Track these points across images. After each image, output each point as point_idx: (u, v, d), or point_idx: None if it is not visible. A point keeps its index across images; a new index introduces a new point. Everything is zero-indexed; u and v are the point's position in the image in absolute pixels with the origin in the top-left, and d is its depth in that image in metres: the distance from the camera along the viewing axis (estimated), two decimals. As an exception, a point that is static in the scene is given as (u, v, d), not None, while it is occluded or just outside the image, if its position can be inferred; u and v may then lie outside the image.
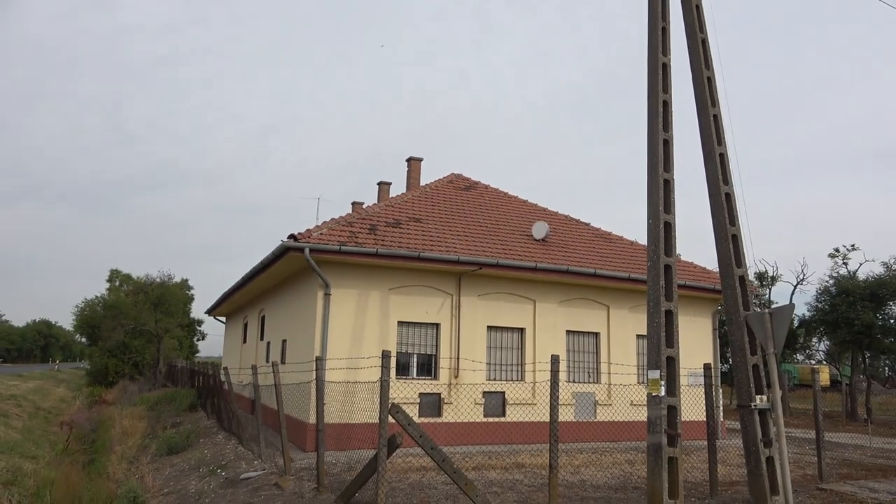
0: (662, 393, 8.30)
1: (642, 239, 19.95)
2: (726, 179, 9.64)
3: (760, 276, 32.70)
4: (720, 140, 9.78)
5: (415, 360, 14.85)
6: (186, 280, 54.10)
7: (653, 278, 8.77)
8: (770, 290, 32.67)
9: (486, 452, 13.47)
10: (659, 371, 8.38)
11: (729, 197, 9.60)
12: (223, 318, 30.57)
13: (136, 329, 38.70)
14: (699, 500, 9.03)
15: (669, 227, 8.95)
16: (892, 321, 27.40)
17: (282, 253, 13.79)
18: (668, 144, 9.22)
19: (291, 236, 13.41)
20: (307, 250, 13.15)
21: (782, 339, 8.45)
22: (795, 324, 32.36)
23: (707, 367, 9.87)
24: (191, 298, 54.42)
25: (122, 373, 38.83)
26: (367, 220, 15.38)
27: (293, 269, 15.54)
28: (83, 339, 55.26)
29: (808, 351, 40.55)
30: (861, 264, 40.54)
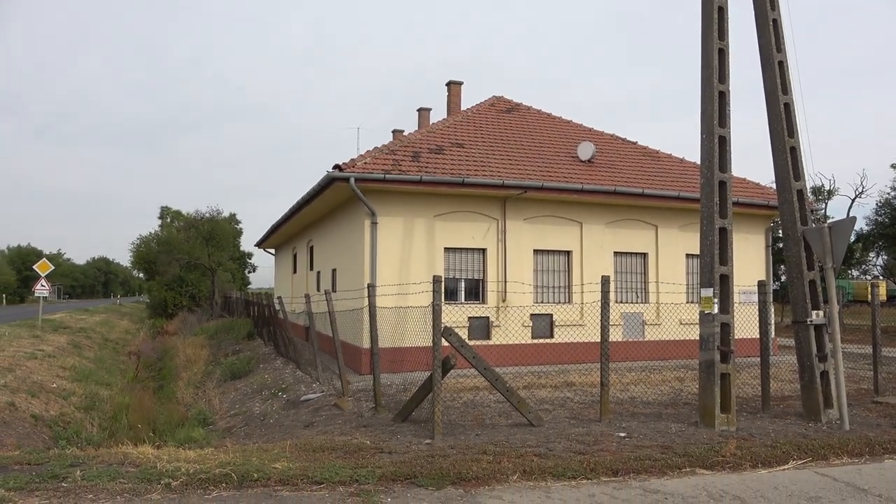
0: (715, 310, 8.23)
1: (691, 156, 19.35)
2: (785, 89, 9.16)
3: (816, 191, 31.52)
4: (780, 47, 9.24)
5: (462, 285, 15.03)
6: (234, 215, 55.41)
7: (706, 195, 8.54)
8: (826, 204, 31.55)
9: (536, 372, 13.75)
10: (712, 289, 8.29)
11: (788, 107, 9.15)
12: (272, 251, 31.32)
13: (189, 263, 40.06)
14: (751, 415, 9.08)
15: (724, 142, 8.63)
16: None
17: (328, 183, 13.89)
18: (723, 54, 8.76)
19: (336, 166, 13.46)
20: (352, 180, 13.21)
21: (842, 253, 8.22)
22: (852, 238, 31.40)
23: (762, 283, 9.71)
24: (239, 232, 55.87)
25: (180, 305, 40.54)
26: (410, 148, 15.27)
27: (339, 199, 15.68)
28: (140, 275, 57.62)
29: (863, 266, 39.41)
30: (925, 175, 38.62)
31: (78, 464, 6.21)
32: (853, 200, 31.14)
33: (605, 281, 8.59)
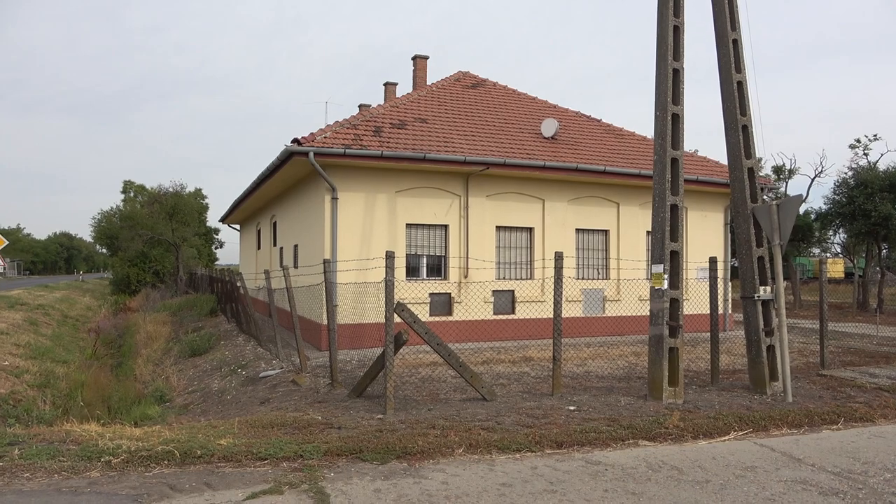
0: (665, 286, 8.35)
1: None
2: (738, 67, 9.23)
3: (778, 170, 32.08)
4: (734, 25, 9.28)
5: (424, 261, 15.01)
6: (200, 189, 54.41)
7: (658, 172, 8.61)
8: (787, 183, 32.14)
9: (496, 348, 13.87)
10: (663, 265, 8.40)
11: (741, 85, 9.23)
12: (237, 226, 30.89)
13: (153, 238, 39.33)
14: (700, 388, 9.29)
15: (677, 120, 8.68)
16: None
17: (286, 158, 13.68)
18: (678, 31, 8.78)
19: (295, 140, 13.25)
20: (311, 154, 13.02)
21: (788, 230, 8.38)
22: (812, 217, 32.07)
23: (713, 260, 9.86)
24: (205, 208, 54.92)
25: (143, 281, 39.86)
26: (372, 122, 15.08)
27: (300, 174, 15.47)
28: (104, 250, 56.44)
29: (823, 244, 40.38)
30: (882, 155, 39.57)
31: (17, 442, 6.09)
32: (812, 180, 31.82)
33: (558, 257, 8.64)
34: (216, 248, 61.09)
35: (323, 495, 4.87)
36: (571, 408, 7.78)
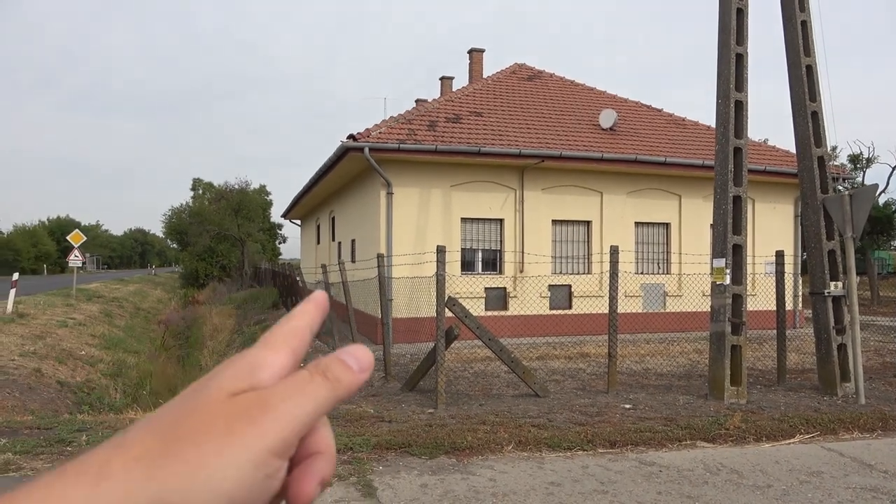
0: (727, 281, 8.02)
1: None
2: (808, 50, 8.74)
3: (854, 159, 30.46)
4: (803, 6, 8.80)
5: (479, 255, 14.94)
6: (264, 186, 55.92)
7: (720, 162, 8.27)
8: (864, 172, 30.47)
9: (552, 343, 13.68)
10: (724, 259, 8.07)
11: (810, 69, 8.74)
12: (298, 221, 31.58)
13: (219, 234, 40.68)
14: (765, 388, 8.90)
15: (741, 107, 8.30)
16: None
17: (342, 154, 13.84)
18: (741, 14, 8.39)
19: (351, 136, 13.39)
20: (367, 150, 13.13)
21: (862, 222, 7.90)
22: (893, 209, 30.29)
23: (779, 254, 9.42)
24: (269, 204, 56.43)
25: (210, 275, 41.32)
26: (427, 117, 15.10)
27: (356, 170, 15.64)
28: (174, 245, 58.82)
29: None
30: (972, 141, 37.05)
31: (85, 429, 6.38)
32: (894, 169, 30.02)
33: (614, 251, 8.43)
34: (280, 243, 62.78)
35: (370, 488, 4.90)
36: (627, 406, 7.58)
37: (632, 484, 5.07)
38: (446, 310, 7.80)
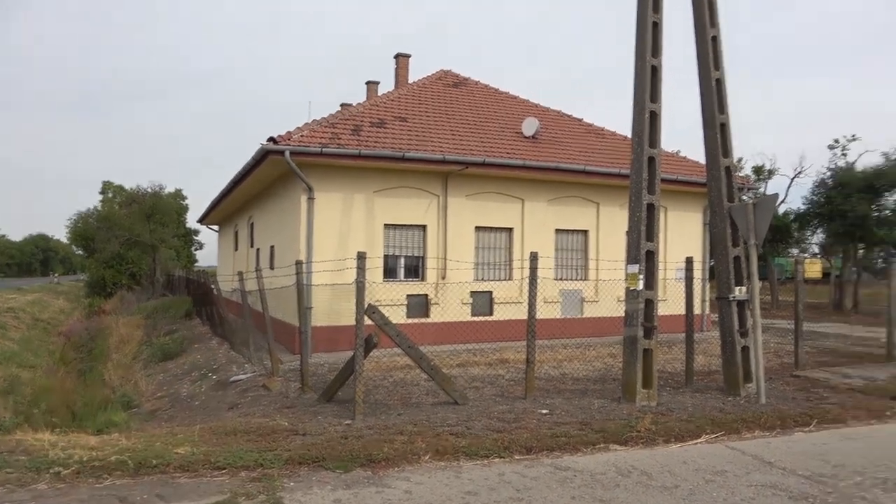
0: (640, 287, 8.25)
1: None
2: (717, 64, 9.16)
3: (758, 170, 32.26)
4: (713, 21, 9.21)
5: (402, 262, 14.81)
6: (180, 190, 53.80)
7: (635, 170, 8.51)
8: (767, 183, 32.32)
9: (473, 350, 13.70)
10: (638, 265, 8.30)
11: (719, 83, 9.16)
12: (216, 227, 30.48)
13: (130, 240, 38.72)
14: (674, 389, 9.21)
15: (655, 118, 8.59)
16: (887, 212, 27.28)
17: (262, 157, 13.42)
18: (657, 27, 8.69)
19: (271, 139, 13.00)
20: (287, 153, 12.76)
21: (764, 230, 8.32)
22: (791, 217, 32.27)
23: (688, 260, 9.79)
24: (185, 209, 54.27)
25: (119, 283, 39.22)
26: (351, 121, 14.86)
27: (276, 174, 15.20)
28: (80, 252, 55.53)
29: (803, 245, 40.72)
30: (860, 155, 39.94)
31: (-38, 452, 5.82)
32: (792, 180, 31.99)
33: (533, 257, 8.51)
34: (196, 249, 60.38)
35: (280, 506, 4.68)
36: (544, 411, 7.64)
37: (546, 490, 5.08)
38: (366, 318, 7.64)
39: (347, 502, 4.78)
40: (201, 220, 28.89)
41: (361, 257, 7.66)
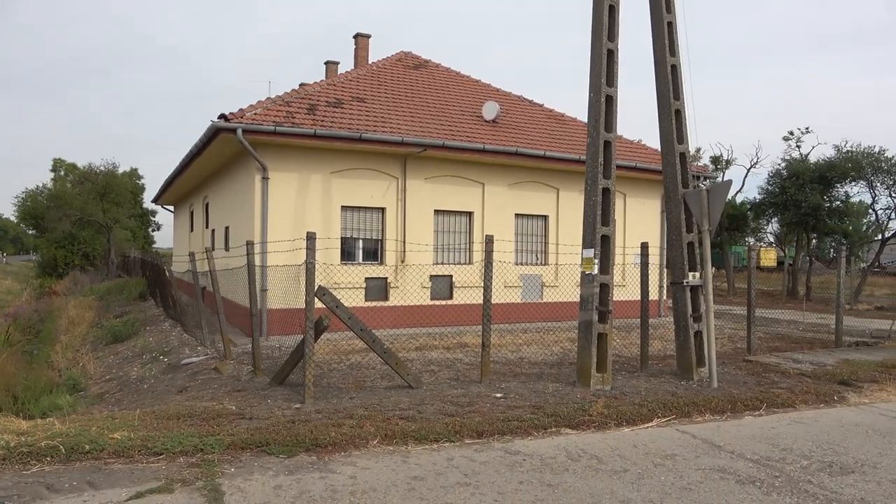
0: (596, 271, 8.23)
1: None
2: (673, 51, 9.14)
3: (715, 160, 32.83)
4: (669, 7, 9.17)
5: (360, 244, 14.59)
6: (136, 170, 52.28)
7: (591, 155, 8.45)
8: (724, 173, 32.92)
9: (433, 334, 13.62)
10: (594, 249, 8.26)
11: (675, 69, 9.14)
12: (171, 207, 29.68)
13: (82, 219, 37.48)
14: (629, 374, 9.25)
15: (611, 102, 8.53)
16: (838, 203, 28.04)
17: (213, 134, 13.00)
18: (613, 11, 8.60)
19: (222, 116, 12.59)
20: (240, 131, 12.39)
21: (717, 216, 8.36)
22: (747, 207, 32.96)
23: (644, 245, 9.82)
24: (141, 188, 52.80)
25: (72, 264, 37.98)
26: (307, 100, 14.50)
27: (230, 153, 14.77)
28: (32, 231, 53.63)
29: (759, 234, 41.71)
30: (814, 147, 40.97)
31: None
32: (748, 170, 32.69)
33: (489, 240, 8.41)
34: (153, 230, 58.88)
35: (217, 493, 4.50)
36: (498, 395, 7.58)
37: (495, 474, 5.00)
38: (316, 300, 7.44)
39: (289, 488, 4.62)
40: (155, 200, 28.10)
41: (311, 238, 7.44)
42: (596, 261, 8.20)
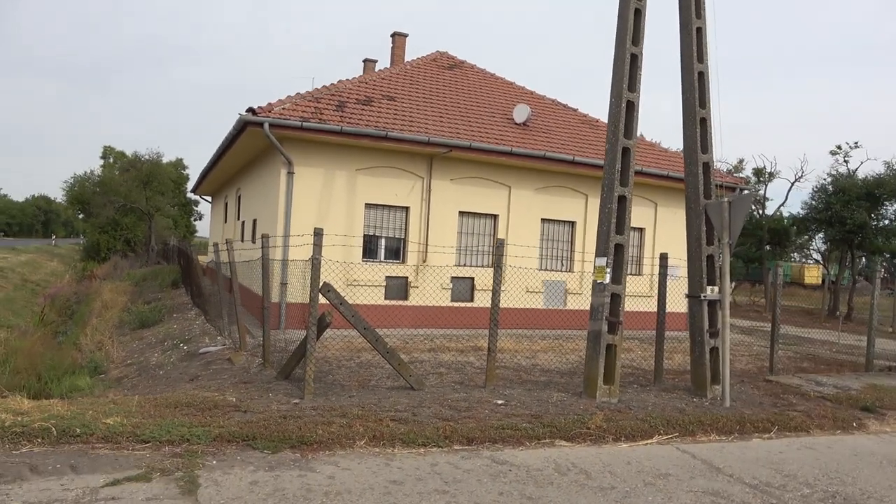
0: (607, 280, 8.02)
1: (648, 131, 19.10)
2: (701, 57, 8.85)
3: (758, 172, 31.87)
4: (699, 12, 8.89)
5: (383, 242, 14.60)
6: (182, 160, 53.45)
7: (609, 161, 8.25)
8: (766, 185, 31.97)
9: (450, 336, 13.53)
10: (606, 258, 8.06)
11: (702, 76, 8.85)
12: (209, 198, 30.29)
13: (125, 206, 38.55)
14: (642, 387, 9.00)
15: (632, 107, 8.31)
16: (886, 221, 26.94)
17: (242, 128, 13.17)
18: (639, 14, 8.38)
19: (250, 110, 12.74)
20: (266, 125, 12.52)
21: (738, 229, 8.08)
22: (790, 221, 31.92)
23: (663, 256, 9.54)
24: (185, 178, 54.00)
25: (113, 249, 39.13)
26: (336, 97, 14.58)
27: (258, 146, 14.95)
28: (81, 216, 55.42)
29: (804, 251, 40.39)
30: (862, 163, 39.50)
31: None
32: (792, 184, 31.60)
33: (499, 244, 8.29)
34: (195, 219, 60.20)
35: (193, 485, 4.50)
36: (499, 402, 7.45)
37: (476, 484, 4.89)
38: (322, 297, 7.44)
39: (264, 485, 4.60)
40: (194, 190, 28.71)
41: (318, 234, 7.44)
42: (608, 270, 8.00)
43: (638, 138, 18.75)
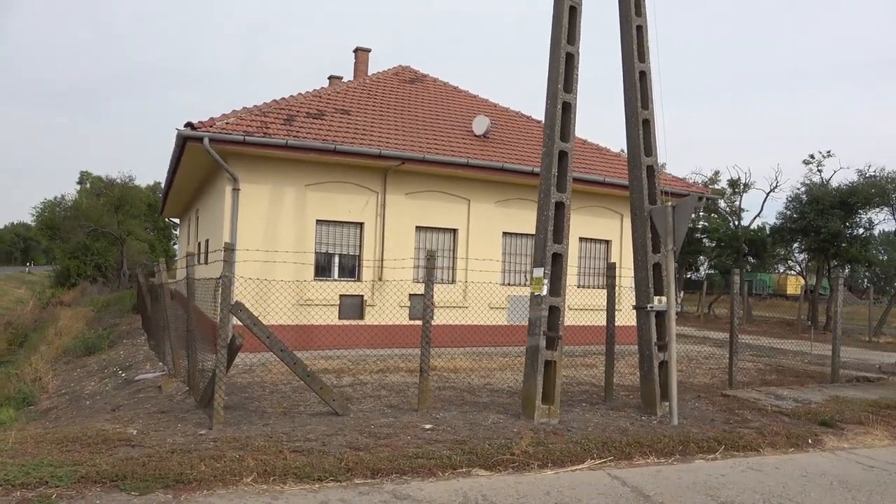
0: (545, 292, 7.52)
1: (615, 142, 18.76)
2: (642, 56, 8.46)
3: (733, 183, 31.72)
4: (639, 10, 8.52)
5: (336, 260, 14.05)
6: (159, 183, 52.79)
7: (545, 166, 7.80)
8: (741, 196, 31.79)
9: (405, 356, 12.91)
10: (543, 269, 7.56)
11: (643, 76, 8.45)
12: (177, 220, 29.66)
13: (96, 231, 37.79)
14: (590, 406, 8.47)
15: (568, 109, 7.88)
16: (860, 230, 26.73)
17: (182, 144, 12.65)
18: (574, 12, 7.98)
19: (188, 124, 12.21)
20: (206, 140, 11.98)
21: (683, 234, 7.63)
22: (766, 232, 31.69)
23: (611, 266, 9.07)
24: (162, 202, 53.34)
25: (84, 275, 38.28)
26: (286, 110, 14.10)
27: (206, 164, 14.38)
28: (54, 241, 54.49)
29: (787, 262, 40.16)
30: (835, 171, 39.45)
31: None
32: (767, 194, 31.43)
33: (430, 256, 7.77)
34: (174, 244, 59.37)
35: (26, 536, 3.90)
36: (427, 426, 6.88)
37: (363, 524, 4.32)
38: (234, 318, 6.89)
39: (112, 533, 4.01)
40: (160, 213, 28.07)
41: (228, 249, 6.92)
42: (545, 281, 7.50)
43: (604, 149, 18.55)
